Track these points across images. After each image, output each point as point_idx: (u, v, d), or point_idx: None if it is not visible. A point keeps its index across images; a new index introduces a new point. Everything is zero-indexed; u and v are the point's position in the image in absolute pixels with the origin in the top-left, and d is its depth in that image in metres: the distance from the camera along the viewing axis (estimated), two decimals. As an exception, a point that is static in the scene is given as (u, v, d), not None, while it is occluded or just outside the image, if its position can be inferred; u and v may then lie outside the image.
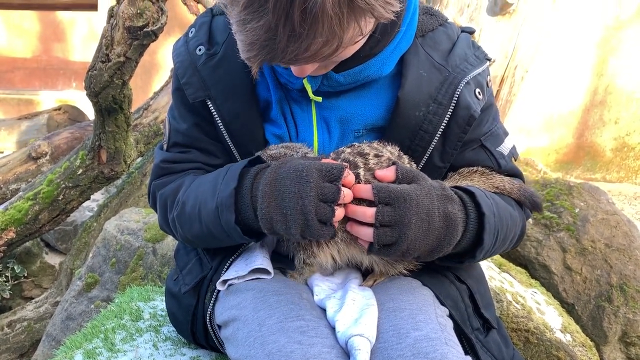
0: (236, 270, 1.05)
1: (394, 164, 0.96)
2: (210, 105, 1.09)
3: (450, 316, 1.01)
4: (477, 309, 1.08)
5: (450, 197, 0.93)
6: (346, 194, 0.91)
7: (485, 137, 1.13)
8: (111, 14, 2.21)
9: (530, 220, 2.60)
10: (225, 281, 1.06)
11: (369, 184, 0.94)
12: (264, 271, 1.04)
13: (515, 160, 1.21)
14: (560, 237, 2.40)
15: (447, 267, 1.08)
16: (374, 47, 1.03)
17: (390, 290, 1.00)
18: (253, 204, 0.92)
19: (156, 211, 1.19)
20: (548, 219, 2.47)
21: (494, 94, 2.70)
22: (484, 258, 1.06)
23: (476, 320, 1.08)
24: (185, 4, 2.24)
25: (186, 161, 1.15)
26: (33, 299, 3.31)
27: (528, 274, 2.34)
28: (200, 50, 1.10)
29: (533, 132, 6.92)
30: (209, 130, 1.13)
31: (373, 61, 1.04)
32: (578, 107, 6.76)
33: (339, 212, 0.91)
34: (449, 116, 1.04)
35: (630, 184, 6.54)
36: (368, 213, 0.90)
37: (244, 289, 1.02)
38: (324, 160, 0.94)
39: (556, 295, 2.30)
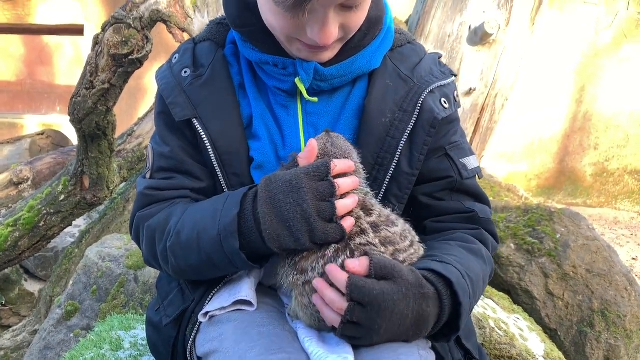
0: (219, 302, 1.04)
1: (366, 254, 0.90)
2: (197, 124, 1.09)
3: (432, 347, 1.01)
4: (458, 339, 1.08)
5: (426, 295, 0.88)
6: (340, 184, 0.91)
7: (450, 147, 1.16)
8: (96, 42, 2.22)
9: (512, 245, 2.62)
10: (207, 313, 1.05)
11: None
12: (248, 303, 1.03)
13: (479, 179, 1.23)
14: (542, 263, 2.42)
15: None
16: (362, 39, 1.08)
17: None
18: (257, 227, 0.91)
19: (139, 244, 1.14)
20: (530, 245, 2.49)
21: (475, 122, 2.75)
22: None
23: (458, 352, 1.08)
24: (170, 32, 2.26)
25: (171, 188, 1.12)
26: (11, 327, 3.23)
27: (511, 300, 2.35)
28: (185, 72, 1.12)
29: (515, 158, 7.02)
30: (194, 153, 1.13)
31: (361, 54, 1.09)
32: (558, 133, 6.90)
33: (342, 204, 0.90)
34: (414, 121, 1.08)
35: (611, 209, 6.64)
36: (337, 305, 0.87)
37: (225, 320, 1.00)
38: (300, 160, 0.95)
39: (539, 320, 2.31)
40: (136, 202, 1.16)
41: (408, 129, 1.08)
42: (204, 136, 1.09)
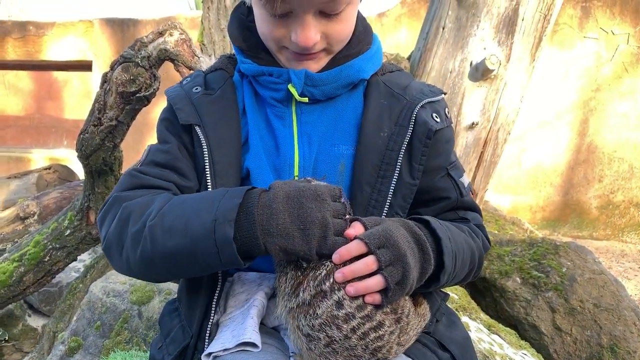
0: (222, 343, 1.02)
1: (352, 220, 0.97)
2: (199, 131, 1.13)
3: None
4: (461, 378, 1.08)
5: (409, 223, 0.99)
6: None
7: (450, 167, 1.21)
8: (105, 80, 2.27)
9: (518, 279, 2.61)
10: (210, 354, 1.04)
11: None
12: (252, 344, 1.01)
13: (472, 194, 1.29)
14: (548, 297, 2.40)
15: (428, 333, 1.09)
16: (350, 50, 1.16)
17: None
18: (261, 222, 0.91)
19: (102, 224, 1.08)
20: (536, 279, 2.47)
21: (478, 156, 2.76)
22: (448, 283, 1.08)
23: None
24: (177, 70, 2.31)
25: (160, 177, 1.12)
26: (13, 363, 3.21)
27: (518, 335, 2.32)
28: (196, 89, 1.19)
29: (519, 190, 7.02)
30: (188, 156, 1.16)
31: (350, 63, 1.16)
32: (562, 165, 6.90)
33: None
34: (409, 134, 1.14)
35: (617, 241, 6.59)
36: (370, 262, 0.92)
37: None
38: (314, 183, 0.99)
39: (547, 356, 2.28)
40: (118, 184, 1.13)
41: (405, 141, 1.14)
42: (204, 143, 1.12)
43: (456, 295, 2.35)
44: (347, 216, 0.97)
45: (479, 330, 2.08)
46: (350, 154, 1.16)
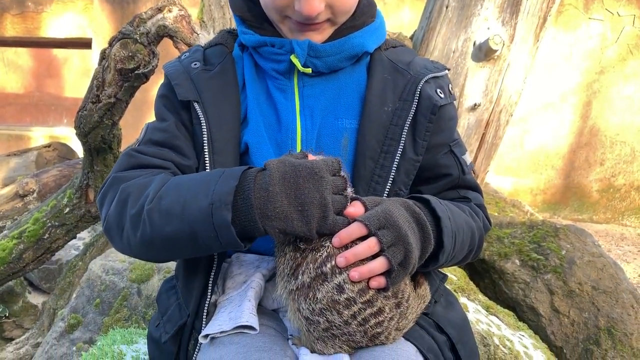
0: (219, 325, 1.02)
1: (353, 200, 0.96)
2: (198, 108, 1.11)
3: None
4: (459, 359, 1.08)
5: (408, 203, 0.98)
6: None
7: (453, 144, 1.21)
8: (103, 56, 2.25)
9: (517, 261, 2.61)
10: (207, 335, 1.04)
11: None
12: (250, 327, 1.01)
13: (474, 174, 1.28)
14: (547, 279, 2.40)
15: (425, 314, 1.09)
16: (356, 20, 1.15)
17: (373, 347, 0.99)
18: (259, 204, 0.89)
19: (102, 206, 1.08)
20: (535, 261, 2.47)
21: (480, 137, 2.74)
22: (447, 263, 1.08)
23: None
24: (177, 47, 2.28)
25: (158, 157, 1.10)
26: (14, 339, 3.23)
27: (516, 317, 2.33)
28: (195, 65, 1.16)
29: (520, 173, 7.00)
30: (186, 133, 1.14)
31: (354, 34, 1.14)
32: (564, 149, 6.88)
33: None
34: (414, 109, 1.13)
35: (617, 225, 6.60)
36: (372, 244, 0.91)
37: (227, 342, 0.99)
38: (311, 157, 0.96)
39: (544, 338, 2.29)
40: (117, 164, 1.12)
41: (410, 116, 1.12)
42: (202, 120, 1.10)
43: (455, 276, 2.35)
44: (348, 189, 0.95)
45: (477, 311, 2.09)
46: (354, 128, 1.15)
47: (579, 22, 6.64)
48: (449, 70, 1.25)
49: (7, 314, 3.36)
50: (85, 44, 8.64)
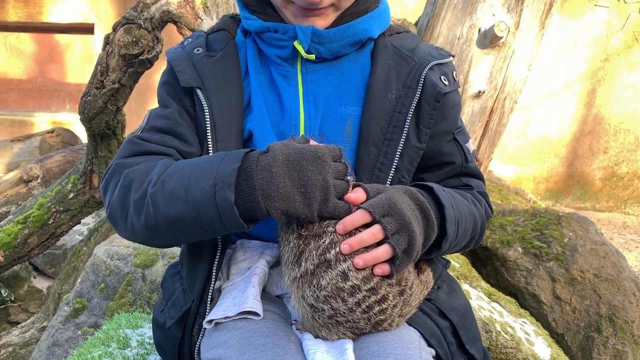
0: (223, 310, 1.03)
1: (355, 186, 0.96)
2: (201, 95, 1.10)
3: (436, 355, 1.01)
4: (461, 345, 1.08)
5: (411, 190, 0.98)
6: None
7: (457, 132, 1.20)
8: (107, 42, 2.24)
9: (519, 249, 2.61)
10: (211, 320, 1.05)
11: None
12: (254, 313, 1.02)
13: (476, 161, 1.27)
14: (549, 267, 2.41)
15: (428, 300, 1.09)
16: (360, 5, 1.14)
17: (376, 333, 0.99)
18: (261, 185, 0.89)
19: (106, 192, 1.08)
20: (538, 249, 2.48)
21: (484, 125, 2.74)
22: (449, 250, 1.09)
23: (461, 357, 1.08)
24: (180, 33, 2.27)
25: (161, 144, 1.10)
26: (19, 323, 3.26)
27: (517, 304, 2.34)
28: (198, 50, 1.16)
29: (523, 161, 6.99)
30: (189, 120, 1.14)
31: (358, 20, 1.13)
32: (567, 136, 6.86)
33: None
34: (418, 96, 1.12)
35: (620, 213, 6.60)
36: (376, 231, 0.91)
37: (231, 328, 1.00)
38: (313, 143, 0.96)
39: (546, 325, 2.30)
40: (120, 151, 1.12)
41: (413, 103, 1.12)
42: (205, 107, 1.10)
43: (457, 263, 2.36)
44: (349, 177, 0.95)
45: (479, 298, 2.10)
46: (357, 115, 1.14)
47: (584, 9, 6.59)
48: (453, 57, 1.24)
49: (13, 298, 3.39)
50: (87, 29, 8.59)
